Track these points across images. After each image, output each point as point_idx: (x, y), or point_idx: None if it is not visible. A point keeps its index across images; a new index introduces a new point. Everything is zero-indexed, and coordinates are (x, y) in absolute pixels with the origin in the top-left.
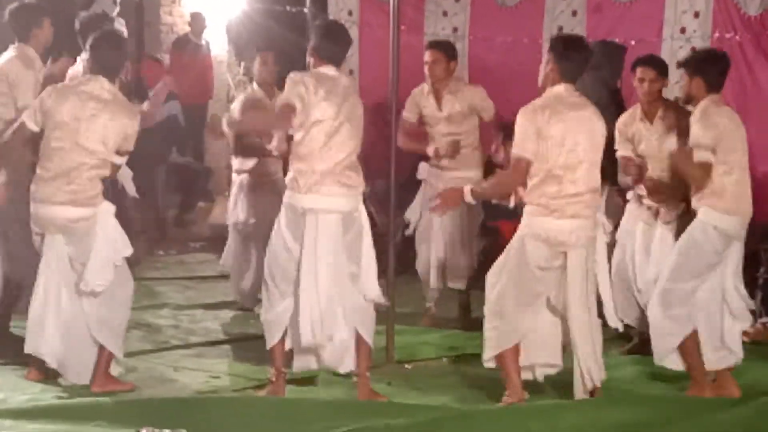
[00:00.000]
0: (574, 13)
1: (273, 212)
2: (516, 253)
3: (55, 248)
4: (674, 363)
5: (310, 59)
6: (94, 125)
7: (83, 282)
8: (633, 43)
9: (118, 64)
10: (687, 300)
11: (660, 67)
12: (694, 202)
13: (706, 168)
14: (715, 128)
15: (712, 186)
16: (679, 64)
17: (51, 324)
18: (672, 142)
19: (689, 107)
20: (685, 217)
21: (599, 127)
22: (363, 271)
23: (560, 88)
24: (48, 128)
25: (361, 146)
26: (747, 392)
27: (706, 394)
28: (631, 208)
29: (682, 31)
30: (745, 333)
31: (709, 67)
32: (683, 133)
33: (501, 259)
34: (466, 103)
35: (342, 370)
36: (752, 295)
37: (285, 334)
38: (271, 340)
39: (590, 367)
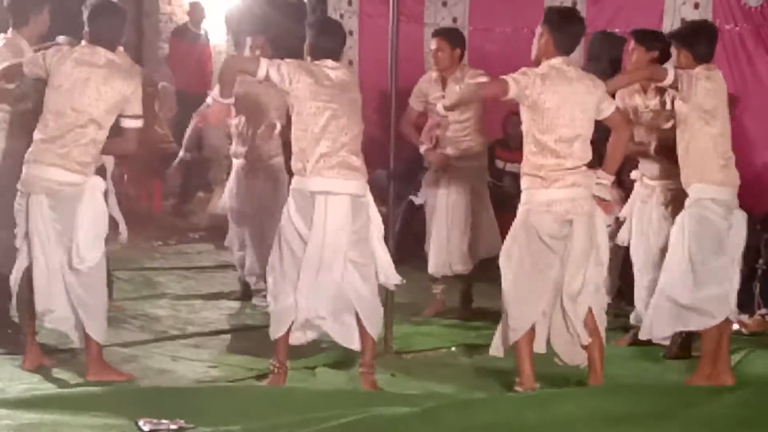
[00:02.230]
0: (574, 3)
1: (267, 197)
2: (522, 228)
3: (41, 211)
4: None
5: (307, 57)
6: (87, 89)
7: (76, 258)
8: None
9: (116, 34)
10: (721, 277)
11: (648, 41)
12: (685, 180)
13: (663, 72)
14: (711, 91)
15: (696, 162)
16: (668, 36)
17: (58, 286)
18: (666, 116)
19: None
20: (681, 198)
21: (594, 100)
22: (378, 259)
23: (556, 61)
24: (47, 90)
25: (361, 136)
26: (746, 383)
27: (706, 381)
28: (636, 188)
29: (682, 21)
30: (744, 324)
31: (696, 39)
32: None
33: (508, 240)
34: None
35: (347, 346)
36: (751, 287)
37: (291, 326)
38: (277, 332)
39: (578, 328)
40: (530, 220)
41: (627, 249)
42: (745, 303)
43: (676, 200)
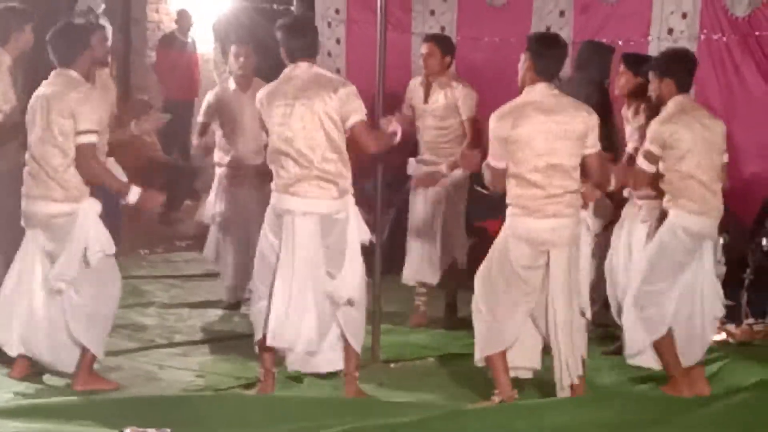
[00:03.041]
0: (562, 13)
1: (249, 207)
2: (500, 254)
3: (36, 244)
4: (646, 361)
5: (285, 60)
6: (41, 119)
7: (52, 277)
8: (620, 43)
9: (74, 51)
10: (660, 301)
11: (636, 66)
12: (665, 203)
13: (641, 176)
14: (667, 135)
15: (680, 188)
16: (648, 66)
17: (22, 312)
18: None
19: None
20: (663, 218)
21: (581, 129)
22: (342, 272)
23: (535, 89)
24: (27, 120)
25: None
26: (734, 391)
27: (683, 392)
28: (626, 207)
29: (670, 31)
30: (731, 334)
31: (679, 68)
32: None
33: (486, 260)
34: (452, 99)
35: (324, 371)
36: (738, 297)
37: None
38: (257, 335)
39: (569, 361)
40: (508, 247)
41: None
42: (732, 313)
43: (660, 220)
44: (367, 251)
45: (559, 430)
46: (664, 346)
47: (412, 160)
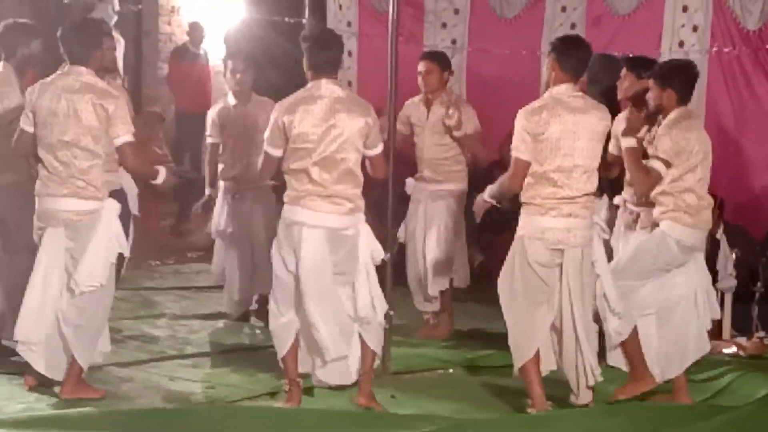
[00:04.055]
0: (573, 26)
1: (253, 220)
2: (518, 254)
3: (56, 243)
4: (614, 361)
5: (307, 72)
6: (68, 119)
7: (73, 282)
8: (631, 56)
9: (89, 49)
10: (633, 297)
11: (639, 69)
12: (657, 214)
13: (653, 177)
14: (684, 142)
15: (676, 201)
16: (649, 76)
17: (46, 319)
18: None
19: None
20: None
21: (600, 130)
22: (362, 295)
23: (561, 88)
24: (37, 123)
25: (357, 167)
26: (742, 403)
27: (648, 381)
28: (619, 213)
29: (681, 44)
30: (742, 347)
31: (680, 79)
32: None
33: (505, 265)
34: (447, 123)
35: (334, 383)
36: (750, 310)
37: (296, 341)
38: (281, 351)
39: (591, 363)
40: (525, 246)
41: None
42: (743, 326)
43: (657, 226)
44: (377, 264)
45: None
46: (629, 346)
47: (410, 179)
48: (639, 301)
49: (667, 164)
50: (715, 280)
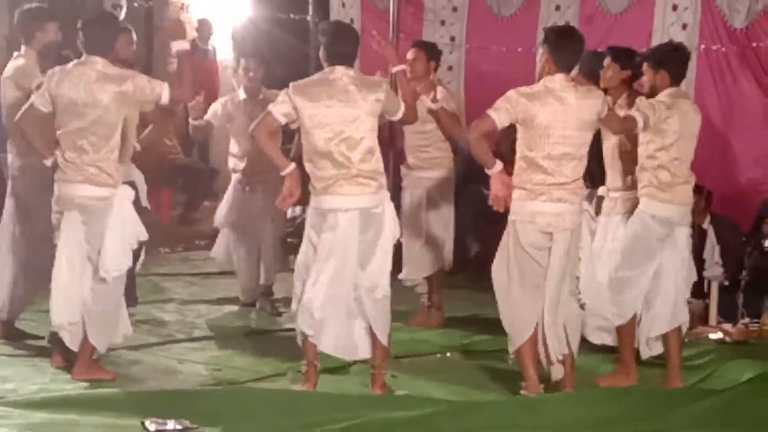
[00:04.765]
0: (567, 24)
1: (262, 212)
2: (511, 238)
3: (74, 226)
4: (599, 338)
5: (324, 63)
6: (87, 106)
7: (101, 268)
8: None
9: (108, 42)
10: (630, 287)
11: (622, 59)
12: (639, 191)
13: (628, 120)
14: (662, 114)
15: (650, 177)
16: (643, 58)
17: (76, 299)
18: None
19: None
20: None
21: (591, 119)
22: (371, 264)
23: (555, 78)
24: (56, 111)
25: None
26: (729, 387)
27: (631, 376)
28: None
29: (671, 42)
30: (728, 333)
31: (672, 60)
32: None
33: (499, 250)
34: (426, 106)
35: (351, 358)
36: (735, 297)
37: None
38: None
39: (552, 339)
40: (516, 230)
41: None
42: (729, 313)
43: (633, 210)
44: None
45: (560, 425)
46: (625, 331)
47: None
48: (636, 294)
49: (645, 120)
50: (702, 269)
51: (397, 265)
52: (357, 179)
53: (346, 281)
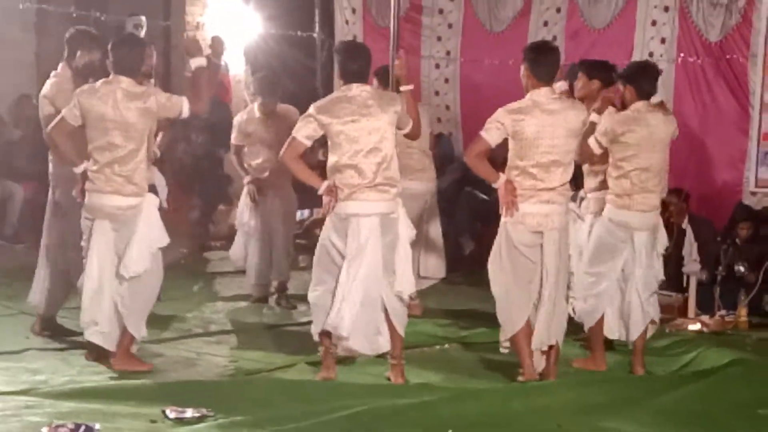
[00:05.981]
0: (554, 39)
1: (273, 215)
2: (503, 238)
3: (105, 234)
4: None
5: (339, 81)
6: (116, 122)
7: (123, 268)
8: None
9: (136, 63)
10: (599, 282)
11: (589, 71)
12: (607, 196)
13: (584, 150)
14: (621, 131)
15: (613, 184)
16: (617, 76)
17: (107, 304)
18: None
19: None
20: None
21: (576, 127)
22: (399, 272)
23: (540, 92)
24: (87, 126)
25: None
26: (705, 375)
27: (593, 368)
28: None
29: (650, 55)
30: (705, 324)
31: (640, 78)
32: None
33: (494, 248)
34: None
35: (374, 353)
36: (712, 291)
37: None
38: (317, 324)
39: (542, 332)
40: (508, 230)
41: None
42: (706, 305)
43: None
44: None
45: (551, 410)
46: (593, 329)
47: None
48: (604, 292)
49: (599, 144)
50: (682, 265)
51: None
52: (378, 187)
53: (374, 289)
